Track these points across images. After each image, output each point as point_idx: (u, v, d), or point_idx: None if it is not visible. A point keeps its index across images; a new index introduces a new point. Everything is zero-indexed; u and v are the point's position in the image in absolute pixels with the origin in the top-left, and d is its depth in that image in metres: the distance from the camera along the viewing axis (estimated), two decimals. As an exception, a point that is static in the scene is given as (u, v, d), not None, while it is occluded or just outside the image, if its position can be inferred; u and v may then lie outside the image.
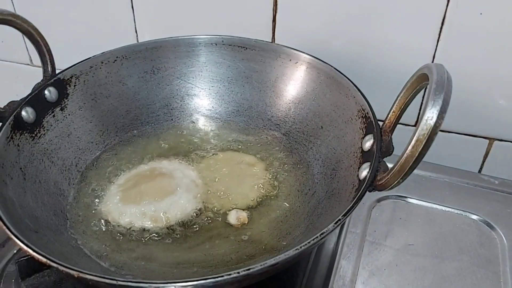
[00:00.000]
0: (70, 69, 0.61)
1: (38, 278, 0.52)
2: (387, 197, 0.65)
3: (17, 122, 0.53)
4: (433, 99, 0.38)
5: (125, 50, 0.65)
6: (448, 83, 0.39)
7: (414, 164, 0.39)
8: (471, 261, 0.57)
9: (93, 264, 0.47)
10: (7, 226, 0.40)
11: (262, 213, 0.55)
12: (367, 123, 0.52)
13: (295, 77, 0.64)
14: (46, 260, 0.38)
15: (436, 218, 0.62)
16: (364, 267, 0.56)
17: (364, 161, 0.48)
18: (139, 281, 0.36)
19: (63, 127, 0.59)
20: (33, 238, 0.42)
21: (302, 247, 0.38)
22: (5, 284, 0.53)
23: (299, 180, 0.59)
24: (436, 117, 0.38)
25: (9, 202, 0.46)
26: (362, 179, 0.46)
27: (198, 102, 0.69)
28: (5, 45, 0.91)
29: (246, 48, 0.66)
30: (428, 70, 0.42)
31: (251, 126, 0.67)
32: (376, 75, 0.71)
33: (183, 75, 0.69)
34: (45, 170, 0.54)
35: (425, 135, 0.38)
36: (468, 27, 0.63)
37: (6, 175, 0.48)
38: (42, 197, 0.52)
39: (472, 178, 0.69)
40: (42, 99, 0.57)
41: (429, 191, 0.66)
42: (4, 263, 0.55)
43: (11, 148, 0.51)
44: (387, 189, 0.42)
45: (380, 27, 0.67)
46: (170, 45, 0.67)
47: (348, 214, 0.41)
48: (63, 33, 0.85)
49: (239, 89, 0.68)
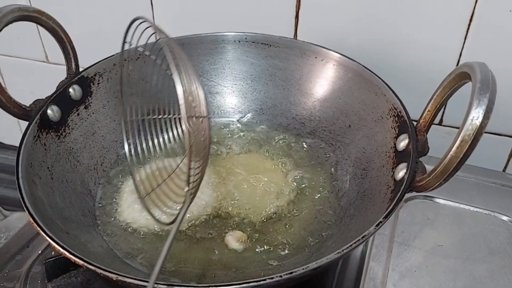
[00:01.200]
0: (94, 67, 0.60)
1: (65, 279, 0.52)
2: (415, 197, 0.64)
3: (43, 121, 0.52)
4: (478, 98, 0.37)
5: (148, 48, 0.64)
6: (493, 82, 0.39)
7: (458, 165, 0.38)
8: (502, 263, 0.56)
9: (124, 265, 0.46)
10: (42, 228, 0.39)
11: (290, 214, 0.54)
12: (400, 122, 0.51)
13: (321, 74, 0.63)
14: (83, 263, 0.37)
15: (465, 218, 0.61)
16: (394, 269, 0.55)
17: (399, 162, 0.47)
18: (181, 284, 0.35)
19: (87, 125, 0.58)
20: (66, 239, 0.41)
21: (344, 250, 0.37)
22: (31, 284, 0.53)
23: (327, 180, 0.58)
24: (482, 116, 0.37)
25: (39, 202, 0.45)
26: (399, 180, 0.45)
27: (221, 100, 0.68)
28: (21, 42, 0.90)
29: (270, 45, 0.65)
30: (469, 69, 0.41)
31: (274, 124, 0.66)
32: (401, 73, 0.69)
33: (205, 73, 0.68)
34: (72, 170, 0.54)
35: (470, 135, 0.37)
36: (497, 24, 0.62)
37: (35, 174, 0.48)
38: (70, 197, 0.51)
39: (498, 177, 0.68)
40: (66, 97, 0.56)
41: (456, 191, 0.65)
42: (30, 264, 0.55)
43: (38, 147, 0.50)
44: (428, 190, 0.41)
45: (405, 24, 0.66)
46: (193, 42, 0.66)
47: (389, 215, 0.40)
48: (81, 31, 0.84)
49: (263, 87, 0.67)
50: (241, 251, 0.50)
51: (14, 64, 0.94)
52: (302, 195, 0.57)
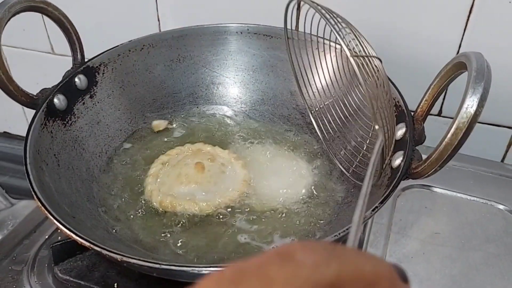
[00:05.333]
0: (99, 57, 0.61)
1: (71, 263, 0.53)
2: (412, 186, 0.65)
3: (50, 109, 0.54)
4: (473, 87, 0.38)
5: (152, 39, 0.65)
6: (488, 71, 0.40)
7: (452, 152, 0.39)
8: (497, 250, 0.57)
9: (129, 248, 0.48)
10: (50, 211, 0.41)
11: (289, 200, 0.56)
12: (398, 112, 0.52)
13: (322, 65, 0.64)
14: (90, 244, 0.38)
15: (461, 207, 0.63)
16: (392, 255, 0.56)
17: (396, 150, 0.49)
18: (182, 264, 0.36)
19: (92, 114, 0.59)
20: (73, 223, 0.43)
21: (340, 233, 0.39)
22: (39, 268, 0.54)
23: (326, 169, 0.59)
24: (477, 105, 0.38)
25: (47, 188, 0.46)
26: (396, 168, 0.46)
27: (223, 90, 0.70)
28: (26, 33, 0.91)
29: (271, 36, 0.66)
30: (466, 59, 0.42)
31: (276, 115, 0.68)
32: (400, 64, 0.70)
33: (208, 64, 0.69)
34: (77, 157, 0.55)
35: (465, 123, 0.38)
36: (496, 16, 0.63)
37: (42, 161, 0.49)
38: (76, 183, 0.52)
39: (496, 167, 0.69)
40: (72, 87, 0.57)
41: (454, 180, 0.66)
42: (37, 248, 0.56)
43: (45, 135, 0.52)
44: (423, 177, 0.43)
45: (406, 16, 0.67)
46: (196, 34, 0.67)
47: (384, 201, 0.41)
48: (86, 22, 0.85)
49: (264, 78, 0.68)
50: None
51: (19, 55, 0.95)
52: (299, 184, 0.58)
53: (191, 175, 0.55)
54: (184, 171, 0.55)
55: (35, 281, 0.52)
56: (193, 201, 0.53)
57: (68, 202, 0.48)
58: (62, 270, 0.52)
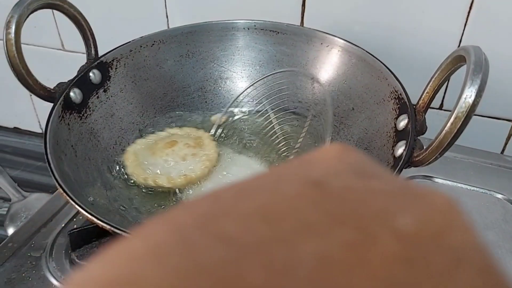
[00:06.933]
0: (112, 53, 0.63)
1: (87, 249, 0.56)
2: (414, 177, 0.67)
3: (67, 102, 0.56)
4: (472, 78, 0.41)
5: (162, 35, 0.67)
6: (485, 63, 0.42)
7: (452, 140, 0.42)
8: (496, 237, 0.59)
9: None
10: (71, 197, 0.43)
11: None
12: (401, 104, 0.54)
13: (326, 60, 0.66)
14: (110, 227, 0.41)
15: (462, 196, 0.65)
16: (394, 242, 0.58)
17: (398, 140, 0.51)
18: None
19: (106, 108, 0.62)
20: (93, 209, 0.45)
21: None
22: (56, 254, 0.57)
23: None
24: (475, 95, 0.40)
25: (67, 176, 0.49)
26: (398, 156, 0.49)
27: (231, 85, 0.72)
28: (37, 30, 0.93)
29: (278, 32, 0.68)
30: (465, 52, 0.44)
31: (281, 109, 0.70)
32: (403, 57, 0.72)
33: (216, 59, 0.71)
34: (93, 148, 0.58)
35: (463, 112, 0.41)
36: (497, 10, 0.65)
37: (61, 151, 0.51)
38: (93, 173, 0.55)
39: (495, 159, 0.71)
40: (87, 81, 0.60)
41: (454, 171, 0.68)
42: (54, 236, 0.59)
43: (63, 126, 0.54)
44: (424, 165, 0.45)
45: (408, 10, 0.69)
46: (204, 30, 0.69)
47: (388, 187, 0.43)
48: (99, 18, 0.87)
49: (270, 72, 0.70)
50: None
51: (31, 52, 0.97)
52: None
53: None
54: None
55: (53, 266, 0.55)
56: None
57: (86, 191, 0.50)
58: (79, 256, 0.55)
